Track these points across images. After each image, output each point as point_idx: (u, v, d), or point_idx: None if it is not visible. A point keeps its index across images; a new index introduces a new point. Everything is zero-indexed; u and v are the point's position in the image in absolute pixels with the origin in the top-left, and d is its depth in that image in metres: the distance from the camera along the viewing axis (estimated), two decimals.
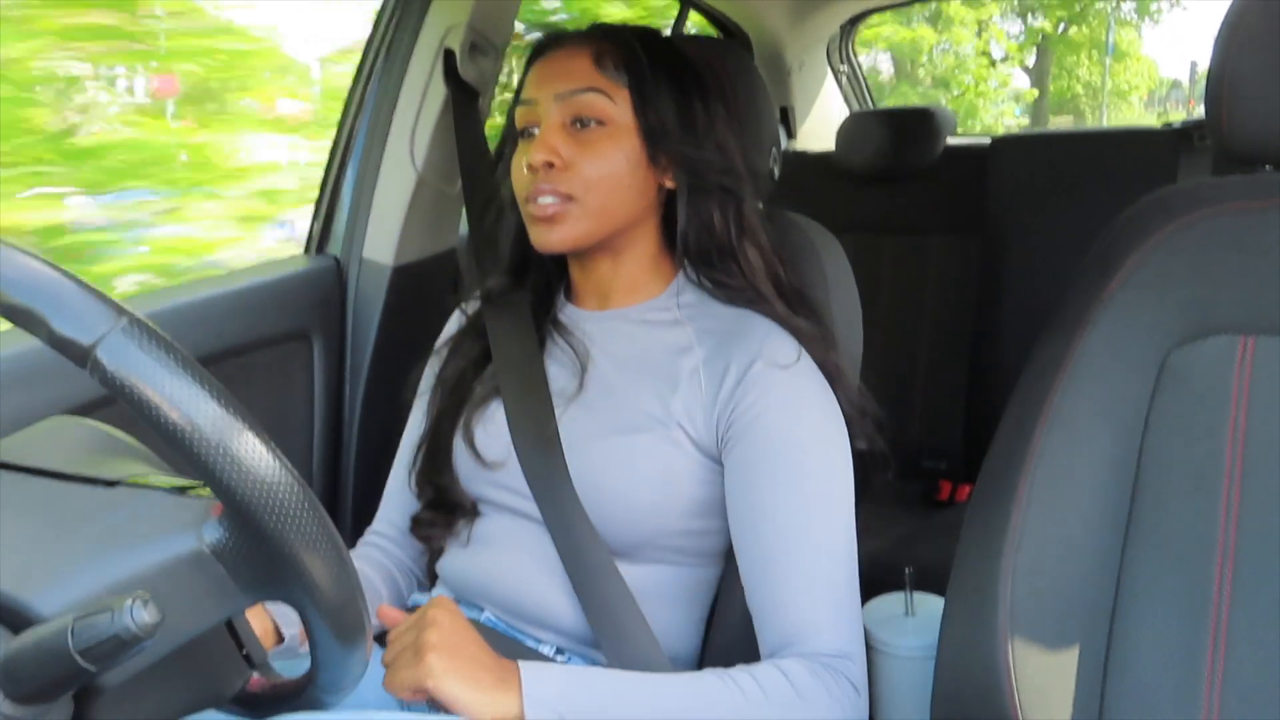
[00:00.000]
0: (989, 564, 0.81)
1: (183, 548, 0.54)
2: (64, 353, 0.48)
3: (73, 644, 0.47)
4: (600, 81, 0.91)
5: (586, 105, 0.91)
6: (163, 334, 0.49)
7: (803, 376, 0.91)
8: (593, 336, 0.97)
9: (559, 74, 0.92)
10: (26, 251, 0.50)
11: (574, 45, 0.94)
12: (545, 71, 0.94)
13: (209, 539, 0.54)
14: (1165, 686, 0.78)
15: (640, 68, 0.92)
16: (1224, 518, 0.79)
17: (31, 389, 0.97)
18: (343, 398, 1.42)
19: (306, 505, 0.52)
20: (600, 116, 0.91)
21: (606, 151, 0.91)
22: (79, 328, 0.48)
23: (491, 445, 0.96)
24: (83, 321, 0.48)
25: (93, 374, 0.48)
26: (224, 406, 0.49)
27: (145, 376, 0.48)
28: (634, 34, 0.96)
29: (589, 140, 0.91)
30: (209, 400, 0.49)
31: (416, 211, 1.41)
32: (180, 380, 0.48)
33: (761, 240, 0.96)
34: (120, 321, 0.48)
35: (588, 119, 0.91)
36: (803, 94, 2.52)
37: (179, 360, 0.49)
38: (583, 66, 0.92)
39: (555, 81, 0.92)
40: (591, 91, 0.91)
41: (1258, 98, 0.82)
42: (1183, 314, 0.82)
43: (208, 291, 1.27)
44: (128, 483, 0.59)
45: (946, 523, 1.79)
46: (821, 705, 0.81)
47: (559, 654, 0.92)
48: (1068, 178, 1.97)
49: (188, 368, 0.49)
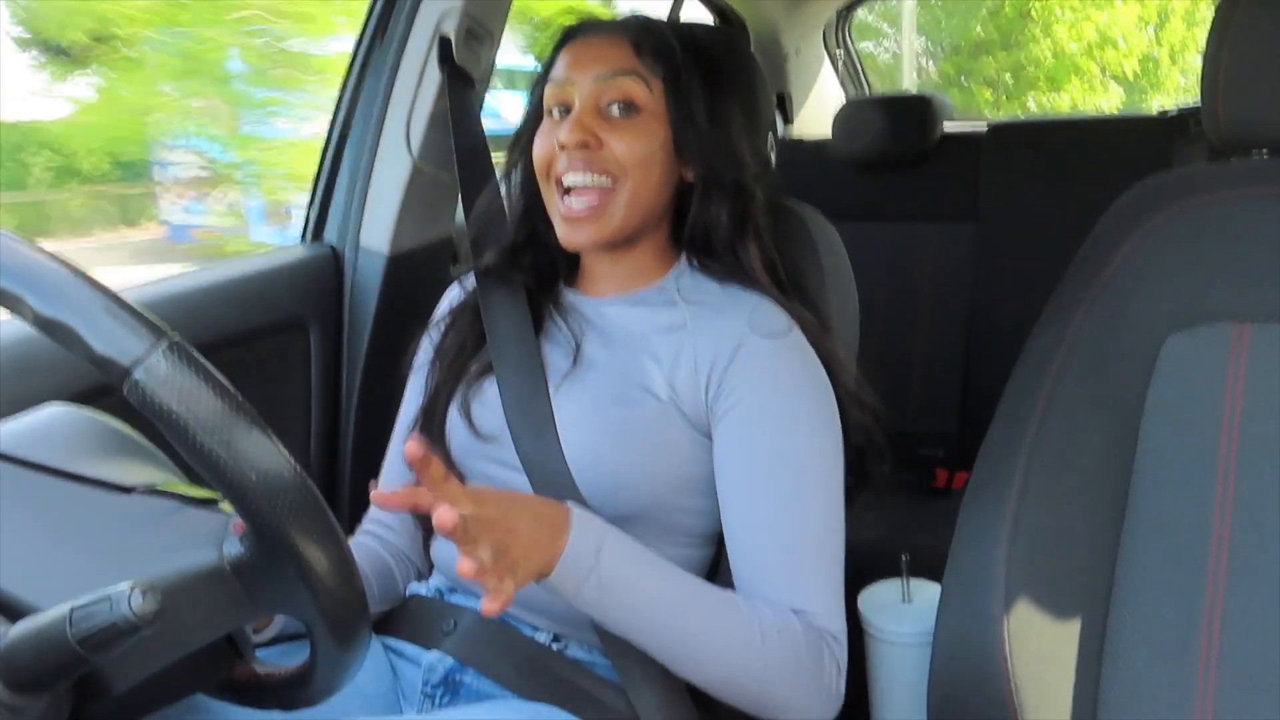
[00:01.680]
0: (985, 551, 0.82)
1: (202, 562, 0.55)
2: (101, 371, 0.48)
3: (71, 633, 0.47)
4: (639, 67, 0.93)
5: (625, 89, 0.92)
6: (201, 359, 0.49)
7: (793, 350, 0.92)
8: (591, 319, 0.98)
9: (598, 57, 0.94)
10: (69, 266, 0.49)
11: (614, 31, 0.96)
12: (582, 53, 0.95)
13: (229, 555, 0.55)
14: (1160, 672, 0.79)
15: (675, 59, 0.94)
16: (1219, 505, 0.79)
17: (26, 375, 0.97)
18: (340, 386, 1.42)
19: (335, 536, 0.53)
20: (637, 101, 0.92)
21: (640, 135, 0.92)
22: (118, 348, 0.48)
23: (486, 418, 0.96)
24: (122, 342, 0.48)
25: (130, 395, 0.48)
26: (260, 434, 0.49)
27: (183, 401, 0.48)
28: (671, 28, 0.98)
29: (623, 125, 0.92)
30: (245, 428, 0.49)
31: (413, 199, 1.41)
32: (217, 406, 0.48)
33: (763, 236, 0.98)
34: (160, 344, 0.48)
35: (624, 103, 0.92)
36: (799, 80, 2.51)
37: (216, 388, 0.49)
38: (623, 52, 0.94)
39: (594, 64, 0.93)
40: (631, 75, 0.92)
41: (1252, 83, 0.82)
42: (1177, 301, 0.82)
43: (204, 281, 1.26)
44: (144, 491, 0.59)
45: (943, 510, 1.78)
46: (815, 669, 0.83)
47: (555, 640, 0.92)
48: (1063, 164, 1.97)
49: (225, 395, 0.49)
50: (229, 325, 1.25)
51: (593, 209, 0.91)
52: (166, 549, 0.55)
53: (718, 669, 0.82)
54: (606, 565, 0.78)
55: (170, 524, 0.57)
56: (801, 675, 0.83)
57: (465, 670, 0.91)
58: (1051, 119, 2.39)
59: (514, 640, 0.91)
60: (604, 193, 0.91)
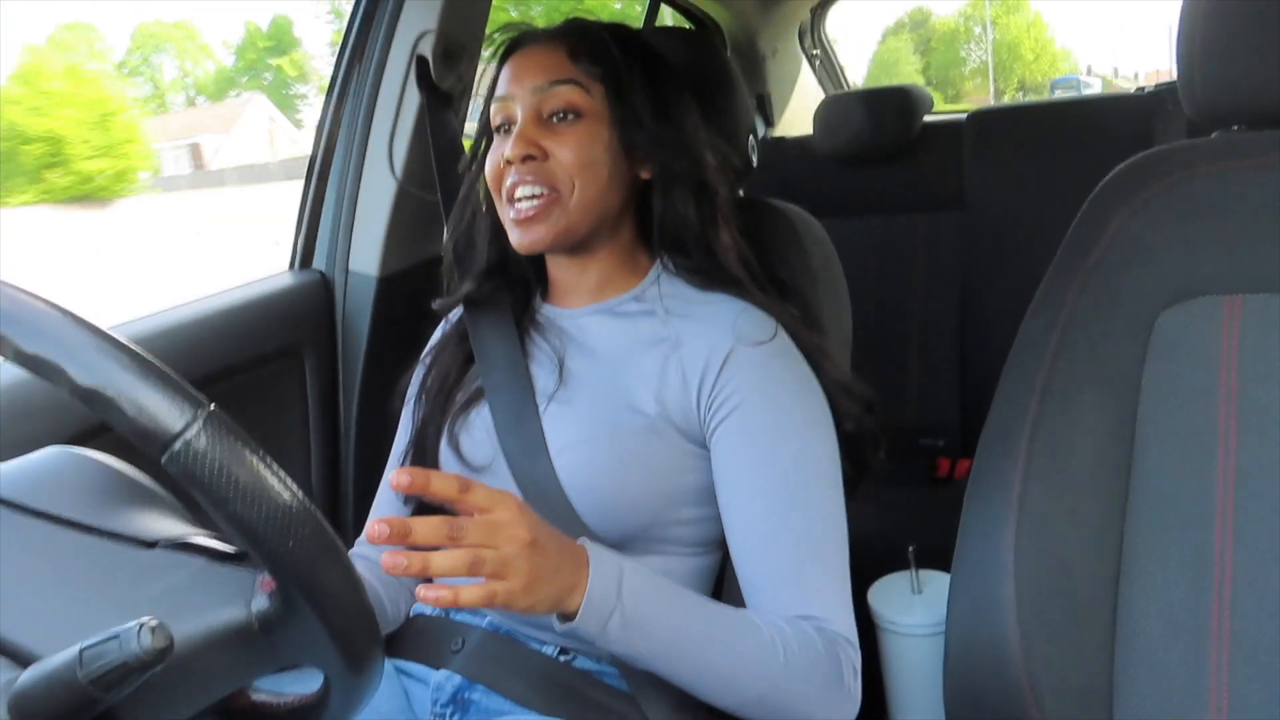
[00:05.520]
0: (992, 538, 0.82)
1: (230, 620, 0.55)
2: (139, 442, 0.48)
3: (82, 673, 0.47)
4: (575, 74, 0.92)
5: (562, 97, 0.92)
6: (238, 428, 0.50)
7: (780, 354, 0.91)
8: (570, 334, 0.98)
9: (534, 68, 0.93)
10: (108, 336, 0.49)
11: (548, 40, 0.95)
12: (520, 66, 0.94)
13: (257, 611, 0.55)
14: (1174, 649, 0.79)
15: (613, 60, 0.94)
16: (1221, 478, 0.79)
17: (23, 417, 0.97)
18: (337, 411, 1.41)
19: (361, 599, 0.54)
20: (576, 108, 0.92)
21: (583, 141, 0.91)
22: (158, 421, 0.48)
23: (478, 449, 0.96)
24: (162, 415, 0.48)
25: (169, 466, 0.48)
26: (298, 503, 0.50)
27: (221, 472, 0.48)
28: (606, 29, 0.97)
29: (565, 132, 0.92)
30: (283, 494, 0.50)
31: (399, 220, 1.41)
32: (254, 476, 0.49)
33: (734, 228, 0.97)
34: (200, 416, 0.48)
35: (563, 111, 0.92)
36: (778, 81, 2.52)
37: (253, 456, 0.49)
38: (558, 60, 0.93)
39: (530, 76, 0.93)
40: (567, 83, 0.92)
41: (1227, 57, 0.83)
42: (1167, 277, 0.83)
43: (197, 312, 1.26)
44: (167, 545, 0.59)
45: (947, 499, 1.78)
46: (835, 677, 0.83)
47: (562, 655, 0.92)
48: (1044, 148, 1.98)
49: (264, 462, 0.50)
50: (224, 356, 1.25)
51: (540, 209, 0.91)
52: (193, 606, 0.55)
53: (743, 692, 0.81)
54: (629, 600, 0.76)
55: (195, 579, 0.57)
56: (823, 686, 0.82)
57: (474, 687, 0.91)
58: (1030, 104, 2.39)
59: (522, 655, 0.91)
60: (553, 199, 0.91)
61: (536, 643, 0.93)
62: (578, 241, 0.94)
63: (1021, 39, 22.38)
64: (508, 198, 0.92)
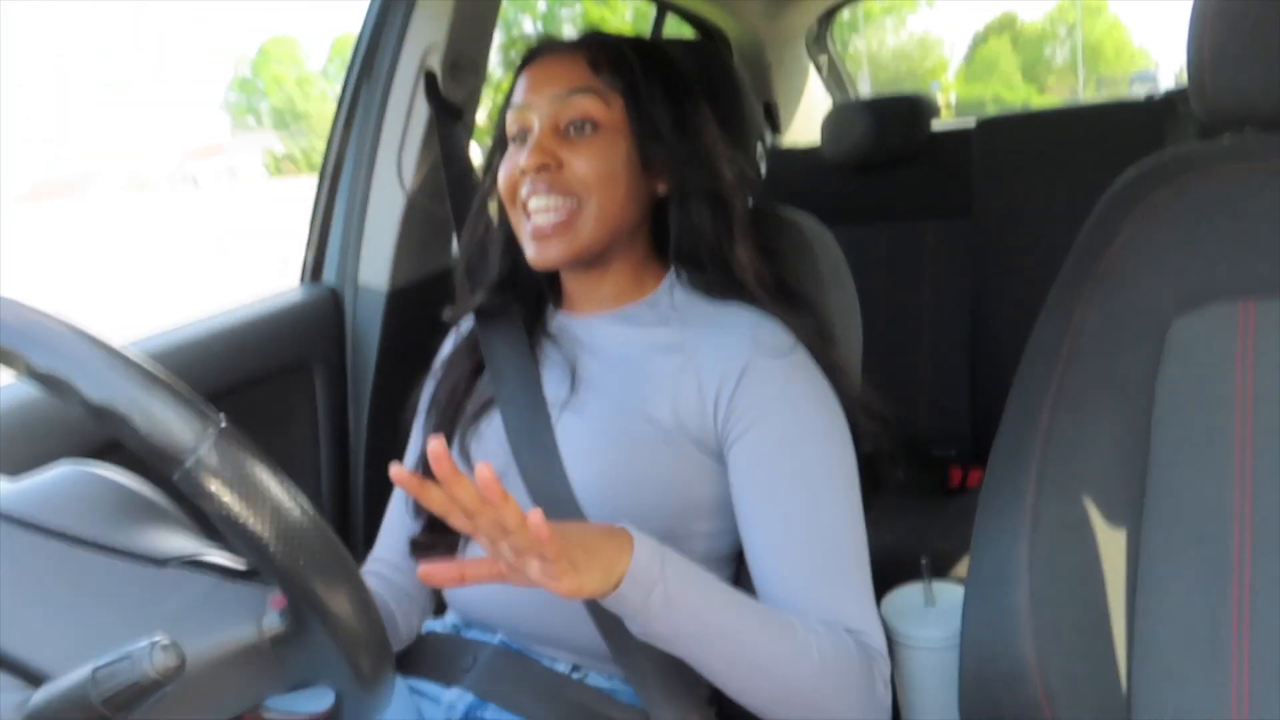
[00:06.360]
0: (1006, 548, 0.81)
1: (242, 638, 0.55)
2: (151, 459, 0.49)
3: (94, 693, 0.47)
4: (595, 84, 0.92)
5: (581, 107, 0.91)
6: (250, 444, 0.50)
7: (799, 367, 0.90)
8: (582, 339, 0.97)
9: (553, 78, 0.92)
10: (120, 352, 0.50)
11: (568, 50, 0.94)
12: (539, 75, 0.94)
13: (268, 629, 0.55)
14: (1192, 660, 0.78)
15: (633, 72, 0.93)
16: (1238, 486, 0.78)
17: (32, 433, 0.97)
18: (347, 425, 1.41)
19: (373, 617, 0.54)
20: (594, 119, 0.91)
21: (601, 153, 0.91)
22: (170, 438, 0.48)
23: (490, 459, 0.95)
24: (174, 433, 0.48)
25: (180, 483, 0.48)
26: (309, 520, 0.50)
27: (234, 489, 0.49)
28: (627, 41, 0.96)
29: (583, 143, 0.91)
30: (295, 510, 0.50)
31: (409, 234, 1.41)
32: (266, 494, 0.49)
33: (750, 243, 0.96)
34: (210, 432, 0.49)
35: (582, 122, 0.91)
36: (785, 89, 2.52)
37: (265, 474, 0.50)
38: (578, 70, 0.92)
39: (550, 85, 0.92)
40: (587, 93, 0.91)
41: (1237, 60, 0.82)
42: (1180, 282, 0.82)
43: (207, 328, 1.26)
44: (179, 564, 0.59)
45: (960, 509, 1.78)
46: (868, 687, 0.83)
47: (575, 671, 0.91)
48: (1055, 155, 1.97)
49: (276, 478, 0.50)
50: (234, 371, 1.25)
51: (559, 225, 0.90)
52: (204, 624, 0.55)
53: (773, 687, 0.80)
54: (672, 577, 0.76)
55: (207, 597, 0.57)
56: (856, 691, 0.82)
57: (486, 706, 0.90)
58: (1038, 111, 2.39)
59: (534, 672, 0.91)
60: (569, 211, 0.90)
61: (548, 660, 0.92)
62: (594, 256, 0.94)
63: (1105, 40, 25.28)
64: (522, 209, 0.92)
